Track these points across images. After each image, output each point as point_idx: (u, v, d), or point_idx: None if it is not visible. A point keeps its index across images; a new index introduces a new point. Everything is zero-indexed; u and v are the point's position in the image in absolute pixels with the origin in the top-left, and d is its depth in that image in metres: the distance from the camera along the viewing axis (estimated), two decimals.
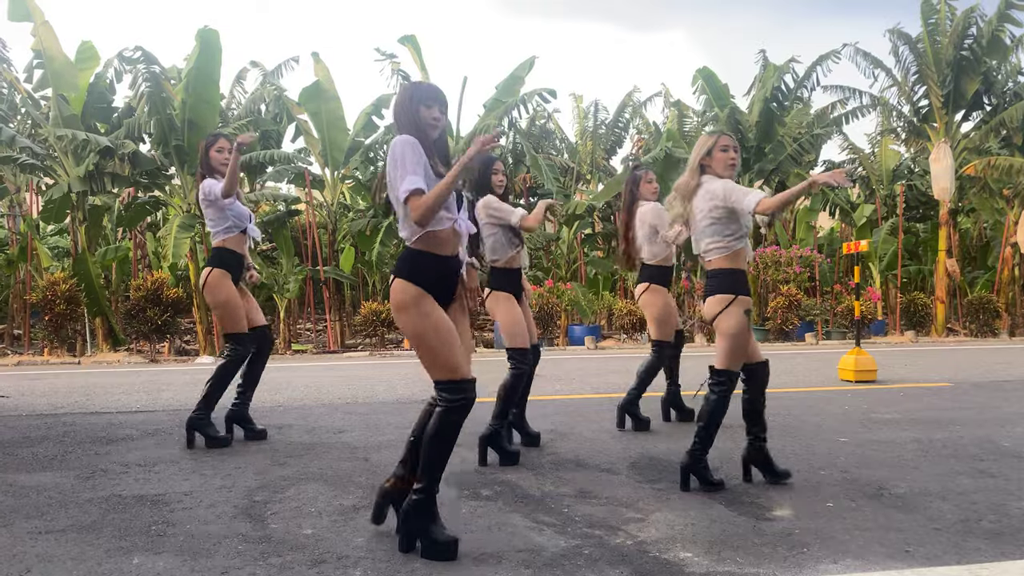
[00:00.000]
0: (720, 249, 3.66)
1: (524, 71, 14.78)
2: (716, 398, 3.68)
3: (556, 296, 13.97)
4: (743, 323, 3.62)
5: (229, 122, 14.76)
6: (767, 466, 3.88)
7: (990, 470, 4.13)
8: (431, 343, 2.88)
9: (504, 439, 4.47)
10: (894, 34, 15.41)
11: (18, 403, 6.73)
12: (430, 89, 3.05)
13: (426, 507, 2.91)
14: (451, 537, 2.89)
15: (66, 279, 11.83)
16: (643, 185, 5.39)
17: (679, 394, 5.59)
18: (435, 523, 2.91)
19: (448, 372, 2.89)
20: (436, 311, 2.90)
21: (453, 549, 2.86)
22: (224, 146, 4.85)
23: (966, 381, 7.91)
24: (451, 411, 2.91)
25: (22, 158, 12.26)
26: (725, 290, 3.66)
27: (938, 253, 16.20)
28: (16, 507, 3.50)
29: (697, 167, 3.77)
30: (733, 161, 3.70)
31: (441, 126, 3.04)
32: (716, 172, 3.70)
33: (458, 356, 2.91)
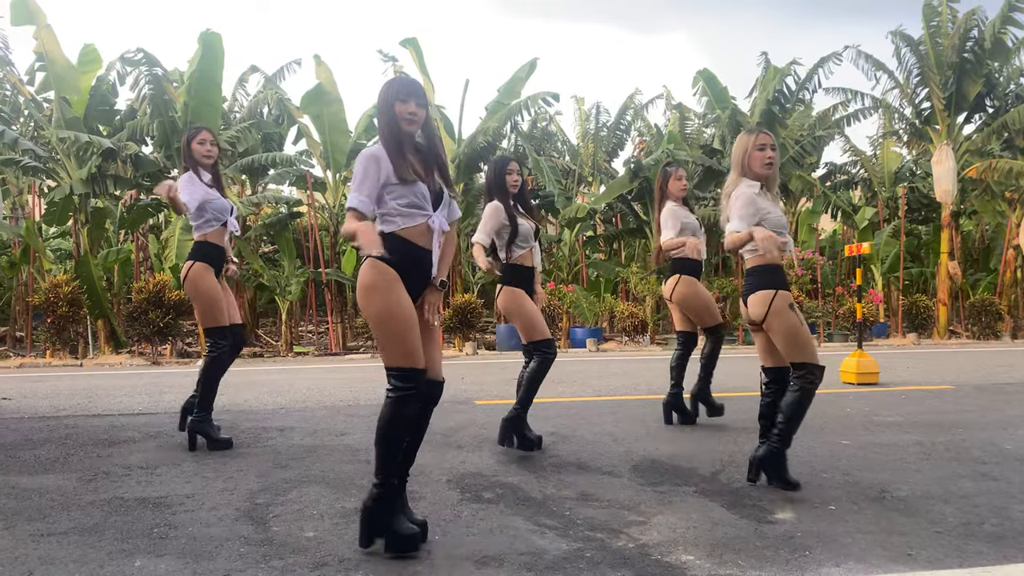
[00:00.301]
0: (754, 248, 3.68)
1: (525, 73, 14.79)
2: (799, 392, 3.65)
3: (558, 298, 13.96)
4: (794, 318, 3.62)
5: (231, 124, 14.78)
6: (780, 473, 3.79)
7: (992, 473, 4.13)
8: (393, 327, 2.86)
9: (526, 425, 4.64)
10: (896, 36, 15.41)
11: (20, 405, 6.74)
12: (405, 83, 3.00)
13: (386, 501, 2.93)
14: (413, 529, 2.91)
15: (68, 281, 11.84)
16: (672, 183, 5.45)
17: (681, 396, 5.59)
18: (396, 516, 2.92)
19: (403, 359, 2.88)
20: (403, 297, 2.89)
21: (416, 541, 2.89)
22: (206, 138, 4.83)
23: (968, 384, 7.90)
24: (399, 401, 2.89)
25: (25, 160, 12.28)
26: (764, 286, 3.67)
27: (940, 255, 16.18)
28: (18, 509, 3.50)
29: (739, 168, 3.77)
30: (771, 159, 3.70)
31: (419, 120, 2.98)
32: (754, 170, 3.72)
33: (416, 345, 2.89)
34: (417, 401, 2.92)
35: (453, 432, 5.23)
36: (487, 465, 4.34)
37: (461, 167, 14.54)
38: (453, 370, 9.54)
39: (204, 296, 4.76)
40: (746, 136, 3.77)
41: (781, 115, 15.44)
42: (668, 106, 19.73)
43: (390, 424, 2.91)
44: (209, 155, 4.82)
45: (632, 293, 15.90)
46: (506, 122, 14.48)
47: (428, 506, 3.54)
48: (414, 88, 2.98)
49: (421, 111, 2.97)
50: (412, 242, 2.93)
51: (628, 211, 17.20)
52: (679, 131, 17.37)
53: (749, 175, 3.73)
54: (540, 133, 20.14)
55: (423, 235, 2.95)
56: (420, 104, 2.97)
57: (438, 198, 3.00)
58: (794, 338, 3.62)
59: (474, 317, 13.13)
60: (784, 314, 3.61)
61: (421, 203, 2.92)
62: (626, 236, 18.01)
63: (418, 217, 2.92)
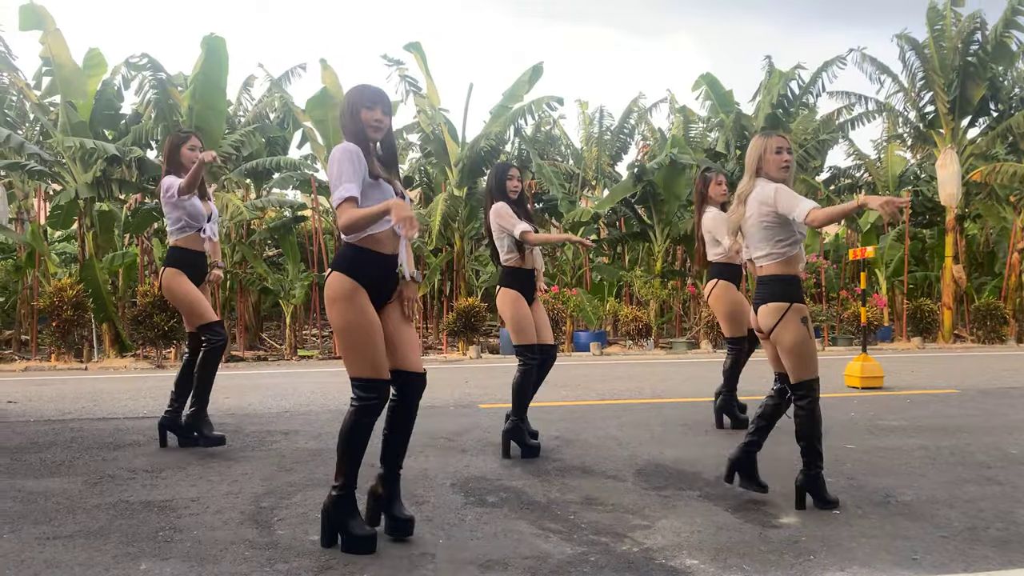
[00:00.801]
0: (774, 256, 3.53)
1: (529, 77, 14.81)
2: (804, 413, 3.55)
3: (561, 302, 13.96)
4: (803, 332, 3.50)
5: (236, 128, 14.82)
6: (751, 474, 3.74)
7: (997, 478, 4.12)
8: (356, 339, 2.95)
9: (525, 433, 4.65)
10: (901, 39, 15.38)
11: (26, 409, 6.76)
12: (372, 91, 3.07)
13: (344, 503, 3.02)
14: (369, 532, 3.00)
15: (73, 285, 11.87)
16: (712, 187, 5.48)
17: (731, 400, 5.57)
18: (354, 518, 3.01)
19: (366, 370, 2.97)
20: (367, 308, 2.97)
21: (371, 543, 2.96)
22: (196, 144, 4.85)
23: (973, 388, 7.88)
24: (362, 410, 2.99)
25: (30, 164, 12.33)
26: (778, 298, 3.52)
27: (945, 259, 16.14)
28: (24, 513, 3.51)
29: (753, 171, 3.64)
30: (787, 163, 3.57)
31: (384, 127, 3.07)
32: (770, 175, 3.58)
33: (379, 357, 2.98)
34: (377, 411, 3.01)
35: (457, 436, 5.23)
36: (491, 469, 4.34)
37: (465, 171, 14.55)
38: (457, 374, 9.55)
39: (182, 299, 4.81)
40: (762, 139, 3.64)
41: (785, 119, 15.42)
42: (672, 110, 19.73)
43: (352, 432, 3.01)
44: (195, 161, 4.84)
45: (636, 297, 15.88)
46: (509, 126, 14.50)
47: (432, 510, 3.55)
48: (381, 96, 3.07)
49: (386, 119, 3.07)
50: (374, 251, 3.00)
51: (632, 215, 17.19)
52: (683, 135, 17.37)
53: (765, 178, 3.60)
54: (544, 137, 20.16)
55: (387, 241, 3.03)
56: (386, 112, 3.06)
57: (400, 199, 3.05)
58: (800, 354, 3.50)
59: (478, 321, 13.13)
60: (795, 328, 3.49)
61: None
62: (630, 240, 18.00)
63: (384, 223, 2.98)
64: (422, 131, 15.62)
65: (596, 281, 17.28)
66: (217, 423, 5.80)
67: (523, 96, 14.50)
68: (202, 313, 4.80)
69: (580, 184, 18.66)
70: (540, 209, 18.27)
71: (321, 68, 14.38)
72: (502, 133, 14.43)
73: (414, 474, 4.18)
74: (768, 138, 3.63)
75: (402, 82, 14.70)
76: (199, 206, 4.85)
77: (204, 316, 4.80)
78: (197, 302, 4.80)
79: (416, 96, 14.85)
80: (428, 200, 17.16)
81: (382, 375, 2.99)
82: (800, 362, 3.52)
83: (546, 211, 18.18)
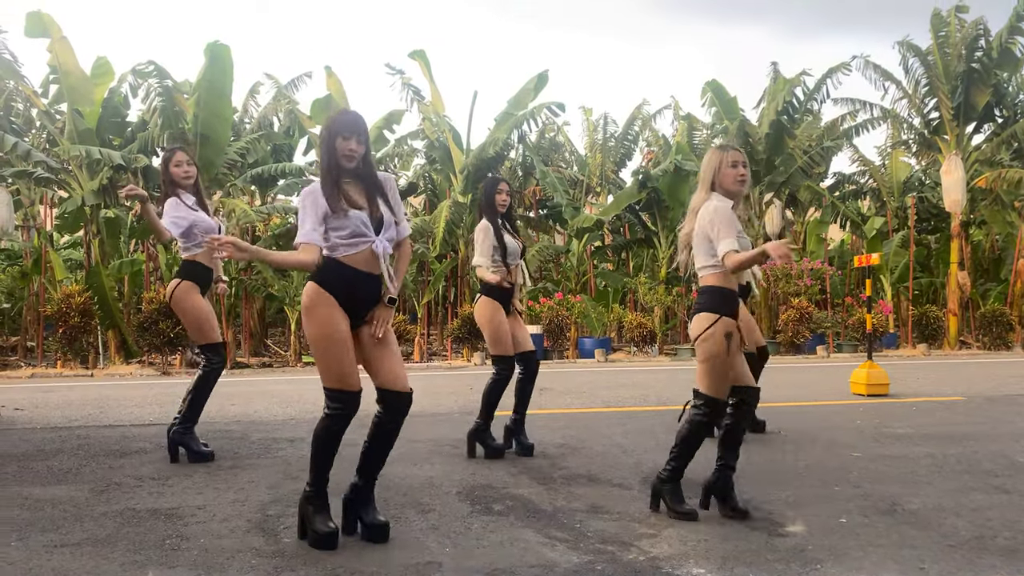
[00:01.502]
0: (712, 268, 3.54)
1: (535, 85, 14.85)
2: (692, 425, 3.54)
3: (566, 308, 13.96)
4: (722, 347, 3.44)
5: (241, 135, 14.88)
6: (727, 497, 3.60)
7: (1005, 486, 4.11)
8: (328, 349, 3.09)
9: (489, 436, 4.82)
10: (904, 46, 15.40)
11: (32, 416, 6.78)
12: (347, 120, 3.16)
13: (313, 500, 3.18)
14: (331, 529, 3.13)
15: (80, 292, 11.91)
16: None
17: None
18: (320, 515, 3.16)
19: (335, 381, 3.11)
20: (337, 320, 3.08)
21: (332, 540, 3.10)
22: (181, 159, 4.84)
23: (979, 395, 7.86)
24: (331, 418, 3.14)
25: (37, 172, 12.39)
26: (709, 308, 3.50)
27: (950, 265, 16.11)
28: (31, 520, 3.53)
29: (708, 184, 3.64)
30: (743, 177, 3.58)
31: (358, 156, 3.15)
32: (726, 187, 3.58)
33: (346, 368, 3.09)
34: (346, 420, 3.14)
35: (462, 443, 5.23)
36: (497, 477, 4.34)
37: (469, 177, 14.59)
38: (461, 380, 9.55)
39: (191, 314, 4.81)
40: (718, 152, 3.64)
41: (790, 125, 15.44)
42: (676, 116, 19.75)
43: (322, 439, 3.16)
44: (188, 176, 4.84)
45: (640, 303, 15.88)
46: (513, 133, 14.53)
47: (438, 518, 3.55)
48: (356, 126, 3.15)
49: (360, 148, 3.15)
50: (354, 268, 3.11)
51: (636, 221, 17.21)
52: (687, 142, 17.38)
53: (720, 192, 3.59)
54: (548, 144, 20.20)
55: (368, 260, 3.13)
56: (360, 141, 3.15)
57: (379, 223, 3.15)
58: (711, 369, 3.47)
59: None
60: (716, 342, 3.45)
61: (363, 231, 3.10)
62: (634, 246, 18.01)
63: (360, 244, 3.11)
64: (427, 138, 15.66)
65: (600, 288, 17.28)
66: (223, 430, 5.83)
67: (528, 104, 14.55)
68: (208, 332, 4.81)
69: (584, 190, 18.68)
70: (544, 215, 18.29)
71: (326, 75, 14.44)
72: (506, 140, 14.46)
73: (420, 482, 4.19)
74: (725, 152, 3.64)
75: (405, 89, 14.75)
76: (211, 222, 4.87)
77: (209, 336, 4.82)
78: (206, 320, 4.81)
79: (420, 104, 14.89)
80: (432, 207, 17.20)
81: (348, 387, 3.11)
82: (709, 376, 3.50)
83: (550, 217, 18.20)
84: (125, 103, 13.73)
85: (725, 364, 3.48)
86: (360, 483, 3.25)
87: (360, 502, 3.25)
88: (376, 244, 3.11)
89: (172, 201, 4.79)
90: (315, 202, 3.08)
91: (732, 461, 3.62)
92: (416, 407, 6.75)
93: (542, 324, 13.87)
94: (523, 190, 17.97)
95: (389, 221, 3.19)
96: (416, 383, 3.44)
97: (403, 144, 17.50)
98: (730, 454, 3.62)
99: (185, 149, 4.99)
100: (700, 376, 3.55)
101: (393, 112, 15.50)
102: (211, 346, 4.82)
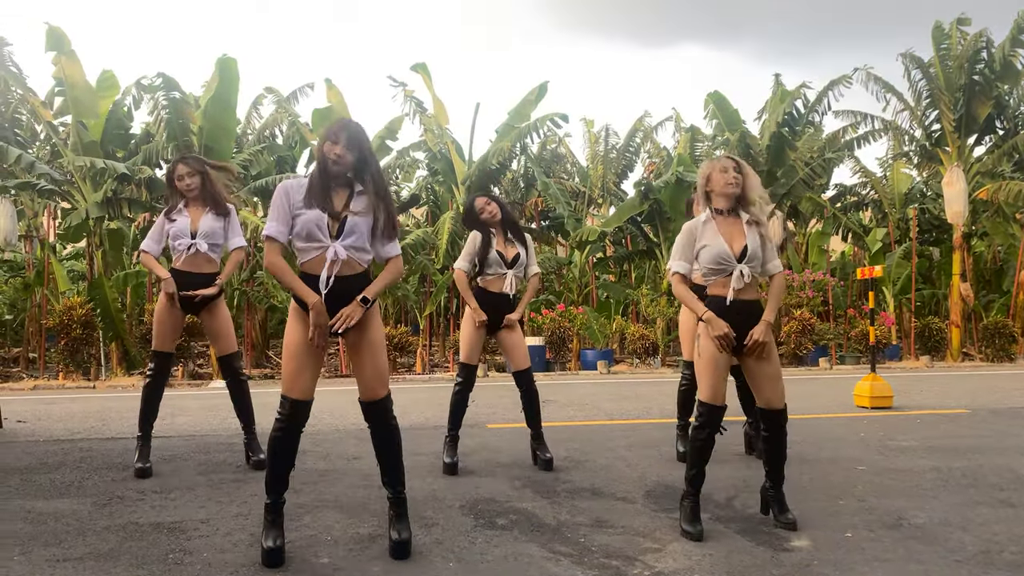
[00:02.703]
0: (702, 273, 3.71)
1: (536, 96, 14.88)
2: (692, 430, 3.62)
3: (568, 320, 13.95)
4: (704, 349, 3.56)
5: (243, 148, 14.91)
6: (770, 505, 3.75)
7: (1011, 500, 4.09)
8: (284, 355, 3.20)
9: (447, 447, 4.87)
10: (906, 58, 15.43)
11: (35, 428, 6.77)
12: (337, 126, 3.21)
13: (266, 511, 3.20)
14: (268, 547, 3.09)
15: (82, 304, 11.92)
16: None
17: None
18: (266, 529, 3.16)
19: (284, 387, 3.19)
20: (297, 329, 3.15)
21: (270, 557, 3.07)
22: (182, 172, 4.83)
23: (984, 408, 7.83)
24: (277, 422, 3.20)
25: (41, 184, 12.41)
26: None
27: (952, 277, 16.09)
28: (34, 534, 3.52)
29: (702, 195, 3.73)
30: (731, 183, 3.60)
31: (344, 162, 3.16)
32: (717, 193, 3.65)
33: (292, 375, 3.16)
34: (288, 427, 3.17)
35: (465, 457, 5.22)
36: (500, 491, 4.32)
37: (472, 189, 14.60)
38: None
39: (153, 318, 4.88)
40: (709, 162, 3.75)
41: (791, 137, 15.46)
42: (677, 128, 19.78)
43: (269, 446, 3.22)
44: (189, 188, 4.83)
45: (643, 315, 15.86)
46: (515, 144, 14.56)
47: (442, 532, 3.54)
48: (344, 132, 3.17)
49: (348, 153, 3.15)
50: (312, 274, 3.16)
51: (638, 233, 17.20)
52: (689, 153, 17.41)
53: (714, 199, 3.67)
54: (550, 155, 20.22)
55: (320, 265, 3.16)
56: (348, 146, 3.15)
57: (342, 228, 3.16)
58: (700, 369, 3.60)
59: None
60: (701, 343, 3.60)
61: (316, 235, 3.14)
62: (636, 258, 18.00)
63: (312, 251, 3.17)
64: (428, 150, 15.70)
65: (603, 299, 17.28)
66: (225, 443, 5.82)
67: (529, 115, 14.59)
68: (155, 339, 4.85)
69: (586, 202, 18.70)
70: (546, 227, 18.30)
71: (326, 87, 14.49)
72: (508, 151, 14.50)
73: (423, 496, 4.17)
74: (715, 161, 3.73)
75: (408, 102, 14.79)
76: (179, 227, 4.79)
77: (155, 343, 4.86)
78: (157, 325, 4.82)
79: (423, 116, 14.93)
80: (435, 218, 17.21)
81: (292, 394, 3.15)
82: (699, 377, 3.61)
83: (552, 229, 18.20)
84: (128, 116, 13.78)
85: (707, 365, 3.55)
86: (388, 495, 3.31)
87: (393, 516, 3.28)
88: (330, 250, 3.12)
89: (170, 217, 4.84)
90: (286, 198, 3.16)
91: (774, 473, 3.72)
92: (418, 419, 6.75)
93: (544, 335, 13.85)
94: (524, 202, 17.99)
95: (356, 228, 3.17)
96: (418, 395, 3.46)
97: (405, 156, 17.52)
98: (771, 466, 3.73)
99: (187, 161, 4.93)
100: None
101: (394, 121, 15.52)
102: (153, 353, 4.86)
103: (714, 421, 3.56)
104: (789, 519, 3.58)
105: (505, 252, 4.89)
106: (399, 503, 3.27)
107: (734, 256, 3.56)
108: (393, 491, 3.28)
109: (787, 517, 3.60)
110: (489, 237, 4.88)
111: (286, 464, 3.20)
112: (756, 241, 3.59)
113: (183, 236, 4.79)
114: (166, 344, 4.84)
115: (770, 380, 3.60)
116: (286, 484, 3.23)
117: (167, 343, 4.84)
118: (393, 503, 3.27)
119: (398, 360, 13.60)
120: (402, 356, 13.60)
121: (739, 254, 3.56)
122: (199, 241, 4.77)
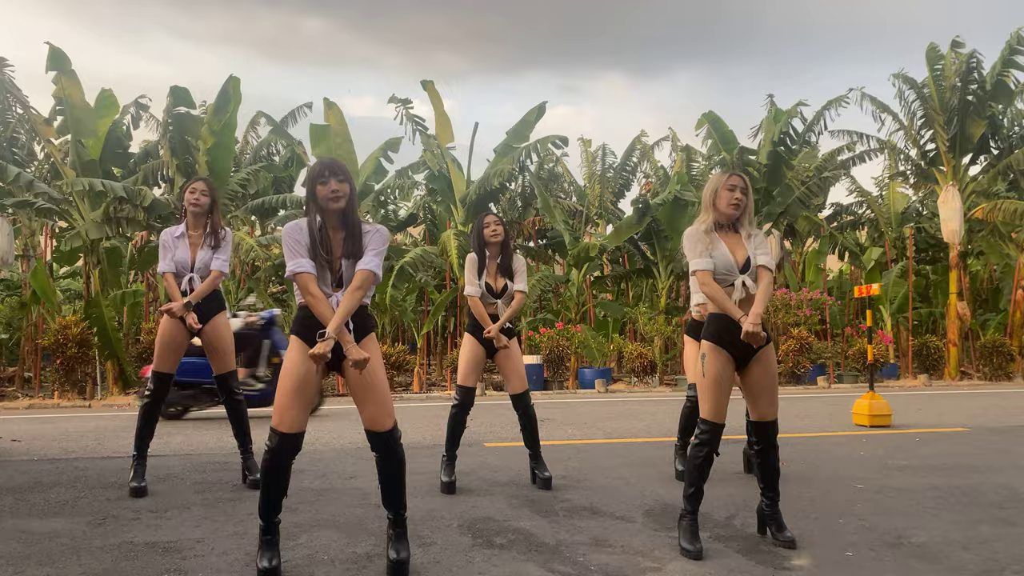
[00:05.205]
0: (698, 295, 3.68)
1: (534, 117, 14.96)
2: (691, 447, 3.62)
3: (566, 338, 13.94)
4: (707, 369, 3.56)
5: (242, 167, 14.97)
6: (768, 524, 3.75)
7: (1011, 518, 4.07)
8: (279, 387, 3.14)
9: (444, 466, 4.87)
10: (899, 79, 15.58)
11: (30, 447, 6.73)
12: (321, 165, 3.14)
13: (261, 535, 3.18)
14: (262, 567, 3.08)
15: (78, 322, 11.89)
16: None
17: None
18: (260, 551, 3.15)
19: (274, 419, 3.14)
20: (296, 360, 3.11)
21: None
22: (196, 188, 4.84)
23: (982, 426, 7.82)
24: (266, 454, 3.14)
25: (39, 203, 12.43)
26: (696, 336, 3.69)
27: (949, 296, 16.14)
28: (28, 554, 3.48)
29: (708, 205, 3.70)
30: (737, 201, 3.60)
31: (343, 195, 3.10)
32: (720, 209, 3.63)
33: (283, 407, 3.11)
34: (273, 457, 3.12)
35: (463, 476, 5.19)
36: (499, 509, 4.30)
37: (470, 208, 14.65)
38: None
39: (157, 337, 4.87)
40: (719, 175, 3.71)
41: (787, 156, 15.55)
42: (674, 147, 19.88)
43: (261, 472, 3.18)
44: (195, 204, 4.82)
45: (640, 333, 15.86)
46: (515, 164, 14.62)
47: (440, 551, 3.51)
48: (331, 168, 3.12)
49: (343, 187, 3.10)
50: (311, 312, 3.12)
51: (636, 251, 17.24)
52: (686, 172, 17.50)
53: (714, 213, 3.66)
54: (547, 174, 20.31)
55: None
56: (341, 181, 3.10)
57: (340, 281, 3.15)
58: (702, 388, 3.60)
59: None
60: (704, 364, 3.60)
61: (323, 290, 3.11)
62: (634, 276, 18.03)
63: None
64: (428, 169, 15.76)
65: (600, 317, 17.28)
66: (222, 461, 5.78)
67: (528, 135, 14.66)
68: (155, 359, 4.83)
69: (584, 220, 18.75)
70: (544, 245, 18.34)
71: (324, 107, 14.56)
72: (508, 171, 14.56)
73: (421, 515, 4.14)
74: (725, 175, 3.70)
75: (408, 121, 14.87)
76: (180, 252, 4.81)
77: (154, 363, 4.83)
78: (157, 346, 4.81)
79: (423, 135, 15.00)
80: (432, 237, 17.24)
81: (279, 426, 3.10)
82: (702, 395, 3.60)
83: (550, 247, 18.24)
84: (127, 135, 13.84)
85: (708, 383, 3.56)
86: (388, 515, 3.28)
87: (392, 536, 3.25)
88: (332, 299, 3.11)
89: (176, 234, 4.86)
90: (302, 237, 3.11)
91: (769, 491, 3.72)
92: (415, 438, 6.74)
93: (542, 354, 13.83)
94: (522, 220, 18.04)
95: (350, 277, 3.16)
96: (415, 414, 3.44)
97: (404, 176, 17.59)
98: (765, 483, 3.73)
99: (207, 182, 4.97)
100: None
101: (391, 140, 15.58)
102: (154, 373, 4.79)
103: (715, 439, 3.55)
104: (788, 537, 3.56)
105: (494, 284, 4.92)
106: (399, 523, 3.25)
107: (737, 267, 3.57)
108: (395, 513, 3.26)
109: (786, 535, 3.58)
110: (484, 260, 4.90)
111: (278, 492, 3.17)
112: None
113: (184, 270, 4.83)
114: (167, 364, 4.81)
115: (768, 392, 3.60)
116: (279, 509, 3.20)
117: (168, 363, 4.82)
118: (393, 523, 3.26)
119: (395, 379, 13.57)
120: (399, 375, 13.58)
121: (741, 265, 3.58)
122: (195, 276, 4.84)
